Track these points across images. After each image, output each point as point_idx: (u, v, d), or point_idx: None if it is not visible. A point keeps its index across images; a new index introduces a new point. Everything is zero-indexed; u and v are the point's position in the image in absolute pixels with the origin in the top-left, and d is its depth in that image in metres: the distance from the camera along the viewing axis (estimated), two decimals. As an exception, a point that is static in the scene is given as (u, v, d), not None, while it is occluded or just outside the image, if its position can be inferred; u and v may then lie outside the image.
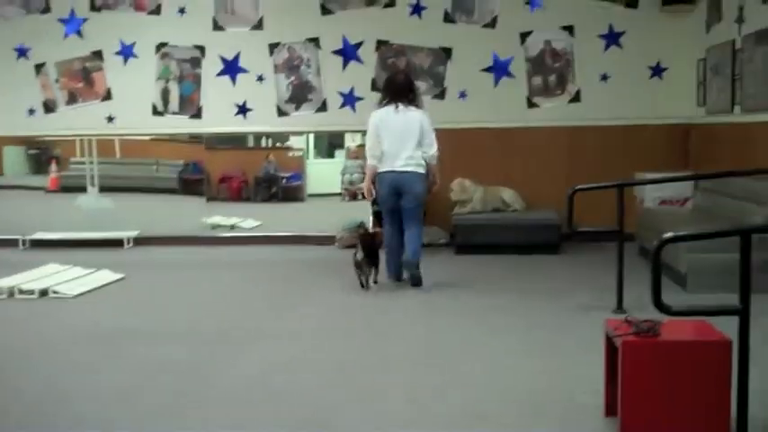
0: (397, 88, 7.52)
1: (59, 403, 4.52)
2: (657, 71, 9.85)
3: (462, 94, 10.00)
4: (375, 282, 7.35)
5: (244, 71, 10.27)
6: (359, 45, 10.06)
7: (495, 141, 10.02)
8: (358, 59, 10.09)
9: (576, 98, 9.97)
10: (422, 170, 7.40)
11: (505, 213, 9.56)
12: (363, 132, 10.68)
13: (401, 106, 7.42)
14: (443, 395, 4.49)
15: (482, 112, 9.96)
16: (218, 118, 10.38)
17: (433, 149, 7.42)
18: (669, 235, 3.61)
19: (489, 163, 10.01)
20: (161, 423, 4.17)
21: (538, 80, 10.03)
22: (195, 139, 11.29)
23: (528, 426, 4.01)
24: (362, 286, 7.27)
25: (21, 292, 7.40)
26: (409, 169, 7.34)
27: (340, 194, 14.20)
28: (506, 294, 7.13)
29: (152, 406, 4.44)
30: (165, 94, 10.46)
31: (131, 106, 10.44)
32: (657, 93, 9.85)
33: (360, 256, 7.23)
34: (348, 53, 10.10)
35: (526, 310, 6.52)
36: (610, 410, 4.04)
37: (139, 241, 10.58)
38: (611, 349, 4.03)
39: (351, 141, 16.66)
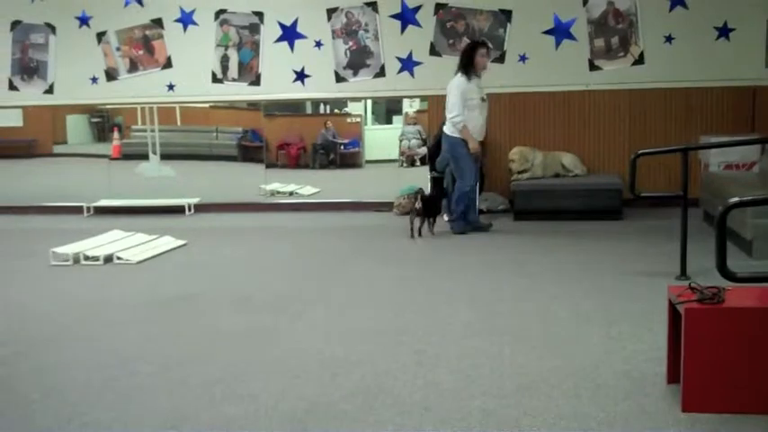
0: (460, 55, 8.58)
1: (120, 368, 4.60)
2: (724, 32, 9.56)
3: (522, 58, 9.85)
4: (420, 234, 8.26)
5: (302, 37, 10.26)
6: (417, 8, 9.95)
7: (556, 105, 9.88)
8: (416, 23, 9.99)
9: (639, 60, 9.74)
10: (448, 131, 8.39)
11: (566, 178, 9.43)
12: (422, 98, 10.67)
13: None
14: (498, 363, 4.46)
15: (543, 75, 9.80)
16: (276, 85, 10.40)
17: (449, 114, 8.35)
18: (735, 200, 3.52)
19: (549, 128, 9.88)
20: (216, 392, 4.22)
21: (600, 42, 9.82)
22: (254, 106, 11.33)
23: (588, 394, 3.96)
24: (411, 236, 8.21)
25: (86, 258, 7.54)
26: (443, 130, 8.54)
27: (398, 161, 14.16)
28: (566, 260, 7.05)
29: (208, 374, 4.50)
30: (225, 61, 10.51)
31: (191, 74, 10.52)
32: (723, 54, 9.57)
33: (419, 205, 8.18)
34: (406, 17, 10.01)
35: (586, 276, 6.44)
36: (672, 378, 3.98)
37: (200, 208, 10.71)
38: (674, 316, 3.96)
39: (409, 107, 16.60)
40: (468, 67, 8.23)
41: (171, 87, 10.61)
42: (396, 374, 4.30)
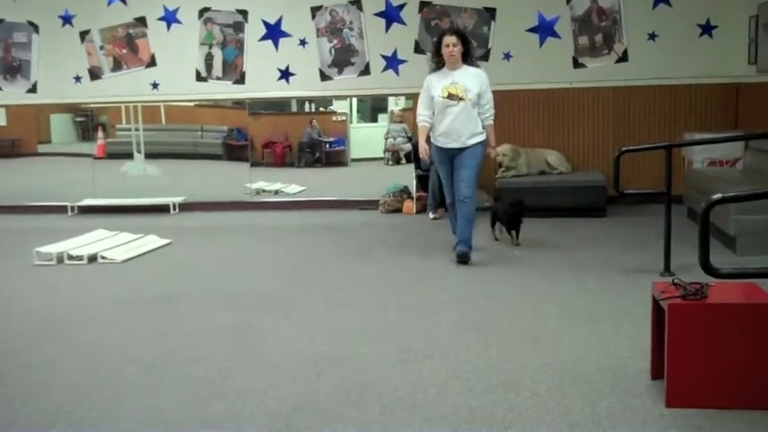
0: None
1: (105, 367, 4.59)
2: (707, 29, 9.61)
3: (507, 56, 9.88)
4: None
5: (286, 35, 10.24)
6: (402, 6, 9.96)
7: (541, 103, 9.91)
8: (401, 21, 10.00)
9: (623, 58, 9.78)
10: None
11: (551, 176, 9.46)
12: (407, 96, 10.68)
13: None
14: (484, 360, 4.47)
15: (527, 73, 9.83)
16: (261, 83, 10.39)
17: None
18: (718, 196, 3.54)
19: (534, 125, 9.91)
20: (202, 390, 4.21)
21: (584, 40, 9.85)
22: (239, 104, 11.31)
23: (573, 390, 3.98)
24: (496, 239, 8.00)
25: (70, 257, 7.51)
26: None
27: (383, 158, 14.16)
28: (551, 257, 7.07)
29: (194, 372, 4.49)
30: (209, 60, 10.49)
31: (175, 72, 10.49)
32: (707, 51, 9.62)
33: (503, 209, 7.89)
34: (391, 15, 10.01)
35: (571, 272, 6.46)
36: (656, 374, 4.00)
37: (185, 207, 10.68)
38: (658, 312, 3.98)
39: (394, 105, 16.60)
40: (437, 59, 7.03)
41: (155, 86, 10.58)
42: (381, 372, 4.31)
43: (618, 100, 9.82)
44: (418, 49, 9.89)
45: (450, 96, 6.81)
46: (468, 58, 6.97)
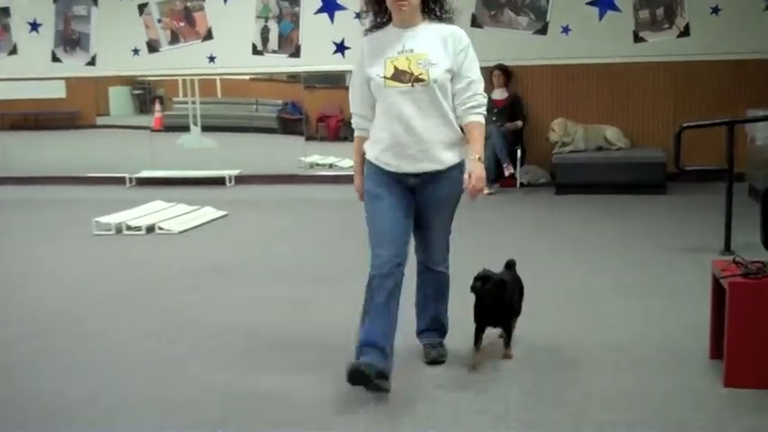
0: None
1: (160, 336, 4.65)
2: (773, 2, 9.35)
3: (565, 29, 9.71)
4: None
5: (342, 8, 10.21)
6: (458, -20, 9.83)
7: (600, 78, 9.74)
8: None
9: (685, 32, 9.56)
10: None
11: (609, 152, 9.32)
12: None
13: None
14: (538, 337, 4.44)
15: (586, 47, 9.66)
16: (316, 56, 10.38)
17: None
18: (783, 173, 3.44)
19: (592, 100, 9.75)
20: (257, 361, 4.25)
21: (645, 13, 9.65)
22: (294, 78, 11.32)
23: (629, 368, 3.92)
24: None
25: (128, 228, 7.63)
26: None
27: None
28: (608, 235, 6.98)
29: (248, 343, 4.53)
30: (265, 33, 10.50)
31: (232, 46, 10.53)
32: (772, 25, 9.36)
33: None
34: (447, -12, 9.88)
35: (629, 250, 6.37)
36: (714, 353, 3.93)
37: (240, 179, 10.75)
38: (718, 291, 3.90)
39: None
40: (376, 10, 3.91)
41: (212, 59, 10.64)
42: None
43: (679, 75, 9.61)
44: (475, 22, 9.77)
45: (399, 75, 3.75)
46: (434, 5, 3.88)
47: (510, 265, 4.41)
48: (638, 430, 3.29)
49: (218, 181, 10.65)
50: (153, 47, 10.77)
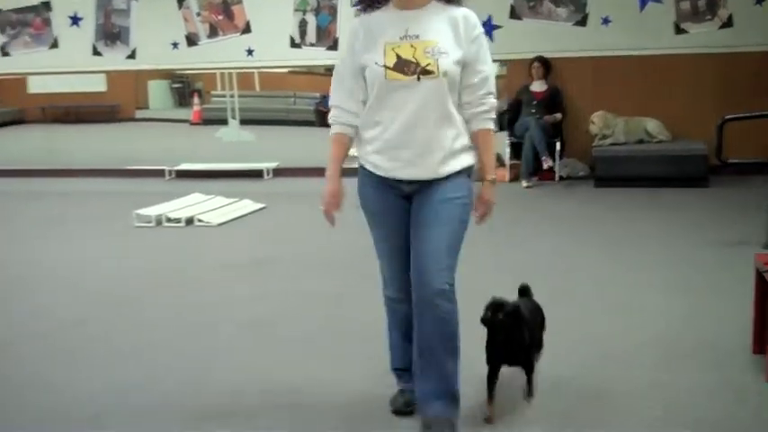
0: None
1: (202, 327, 4.69)
2: (819, -8, 9.17)
3: (605, 20, 9.60)
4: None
5: (380, 1, 10.16)
6: (497, -29, 9.77)
7: (640, 70, 9.60)
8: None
9: (727, 23, 9.41)
10: None
11: (649, 144, 9.21)
12: (501, 62, 10.51)
13: None
14: (577, 332, 4.40)
15: (627, 39, 9.54)
16: (354, 49, 10.34)
17: None
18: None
19: (633, 92, 9.62)
20: (297, 352, 4.26)
21: (686, 4, 9.50)
22: (331, 71, 11.30)
23: (671, 364, 3.88)
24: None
25: (168, 220, 7.69)
26: None
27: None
28: (649, 229, 6.90)
29: (290, 334, 4.54)
30: (303, 26, 10.51)
31: (270, 39, 10.54)
32: (818, 15, 9.18)
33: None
34: (486, -20, 9.82)
35: (670, 245, 6.29)
36: (757, 348, 3.87)
37: (278, 172, 10.78)
38: (761, 285, 3.84)
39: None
40: None
41: (250, 52, 10.65)
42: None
43: (721, 67, 9.46)
44: (513, 14, 9.70)
45: (402, 65, 3.16)
46: None
47: (524, 291, 3.78)
48: (680, 426, 3.25)
49: (256, 174, 10.69)
50: (192, 40, 10.82)
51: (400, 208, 3.29)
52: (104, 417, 3.53)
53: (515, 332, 3.33)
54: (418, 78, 3.11)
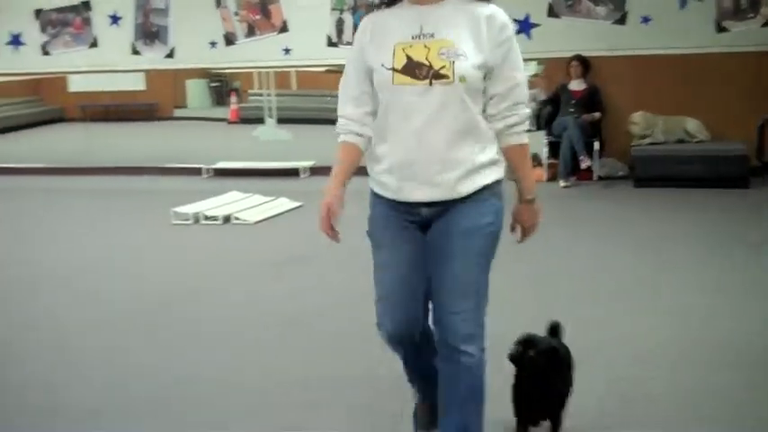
0: None
1: (238, 324, 4.71)
2: None
3: (645, 19, 9.49)
4: None
5: None
6: (535, -31, 9.71)
7: (680, 69, 9.48)
8: (535, -16, 9.74)
9: (770, 21, 9.26)
10: None
11: (689, 144, 9.10)
12: (538, 60, 10.45)
13: None
14: (628, 332, 4.36)
15: (666, 37, 9.42)
16: (391, 48, 10.33)
17: None
18: None
19: (673, 91, 9.51)
20: (334, 349, 4.26)
21: (728, 2, 9.36)
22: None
23: (711, 365, 3.83)
24: None
25: (206, 218, 7.74)
26: None
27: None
28: (688, 229, 6.82)
29: (329, 331, 4.55)
30: (340, 25, 10.52)
31: (307, 38, 10.56)
32: None
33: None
34: (524, -22, 9.77)
35: (710, 246, 6.21)
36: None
37: (315, 171, 10.79)
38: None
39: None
40: None
41: (287, 52, 10.67)
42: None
43: (763, 66, 9.30)
44: (552, 12, 9.63)
45: (413, 68, 2.76)
46: None
47: (555, 330, 3.22)
48: (710, 427, 3.22)
49: (293, 172, 10.72)
50: (230, 40, 10.86)
51: (417, 238, 2.87)
52: (141, 411, 3.56)
53: (550, 375, 2.90)
54: (430, 83, 2.69)
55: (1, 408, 3.68)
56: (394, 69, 2.73)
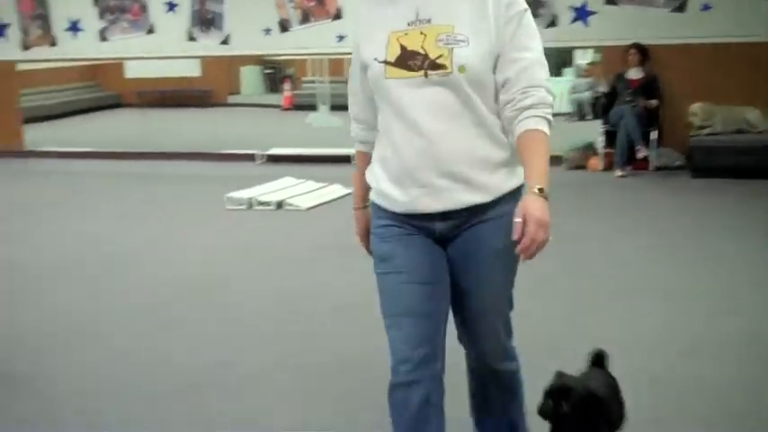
0: None
1: (292, 308, 4.73)
2: None
3: (705, 7, 9.30)
4: None
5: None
6: (593, -45, 9.56)
7: (741, 58, 9.28)
8: (592, -28, 9.60)
9: (837, 7, 9.01)
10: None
11: (750, 135, 8.91)
12: (596, 49, 10.31)
13: None
14: (670, 324, 4.30)
15: (728, 25, 9.22)
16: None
17: None
18: None
19: (733, 81, 9.31)
20: (382, 337, 4.25)
21: (792, -11, 9.14)
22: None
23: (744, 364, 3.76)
24: None
25: (259, 203, 7.79)
26: None
27: (568, 114, 13.80)
28: (747, 222, 6.68)
29: (375, 319, 4.54)
30: (394, 12, 10.47)
31: (361, 24, 10.53)
32: None
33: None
34: (581, -35, 9.63)
35: (765, 239, 6.09)
36: None
37: (367, 158, 10.79)
38: None
39: (581, 59, 16.10)
40: None
41: (341, 39, 10.67)
42: (555, 328, 4.21)
43: (829, 54, 9.08)
44: (610, 0, 9.49)
45: (407, 59, 2.37)
46: None
47: (599, 360, 2.77)
48: (743, 421, 3.16)
49: (345, 159, 10.71)
50: (284, 26, 10.90)
51: (431, 248, 2.46)
52: (202, 388, 3.59)
53: (593, 426, 2.42)
54: (425, 74, 2.31)
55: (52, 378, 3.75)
56: (386, 62, 2.35)
